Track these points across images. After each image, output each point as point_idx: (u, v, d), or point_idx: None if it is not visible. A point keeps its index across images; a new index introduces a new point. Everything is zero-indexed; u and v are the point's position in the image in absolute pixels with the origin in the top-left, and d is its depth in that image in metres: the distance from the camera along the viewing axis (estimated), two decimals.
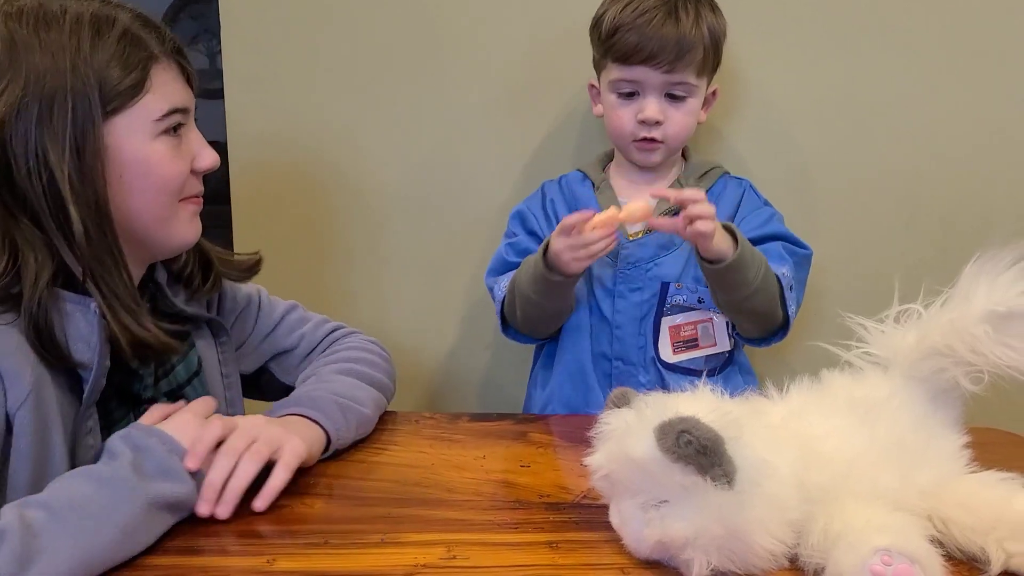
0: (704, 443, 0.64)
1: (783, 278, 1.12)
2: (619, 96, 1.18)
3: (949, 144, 1.37)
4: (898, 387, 0.77)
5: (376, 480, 0.91)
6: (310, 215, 1.52)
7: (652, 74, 1.13)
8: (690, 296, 1.17)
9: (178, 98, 0.86)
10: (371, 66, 1.46)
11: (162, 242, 0.90)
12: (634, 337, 1.18)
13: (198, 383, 0.98)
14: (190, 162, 0.89)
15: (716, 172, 1.25)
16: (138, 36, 0.83)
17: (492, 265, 1.26)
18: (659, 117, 1.15)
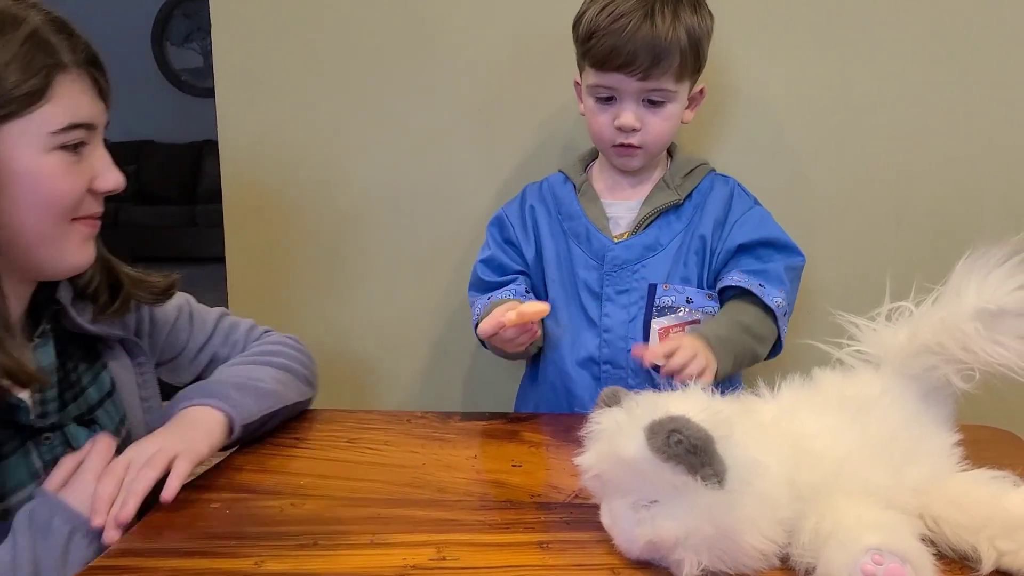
0: (694, 442, 0.64)
1: (778, 309, 1.12)
2: (597, 101, 1.15)
3: (940, 143, 1.37)
4: (889, 385, 0.77)
5: (366, 480, 0.90)
6: (300, 214, 1.52)
7: (627, 81, 1.10)
8: (678, 297, 1.16)
9: (83, 113, 0.81)
10: (362, 65, 1.46)
11: (49, 263, 0.84)
12: (623, 340, 1.16)
13: (111, 405, 0.93)
14: (88, 181, 0.83)
15: (702, 170, 1.22)
16: (46, 41, 0.78)
17: (471, 279, 1.27)
18: (635, 124, 1.13)
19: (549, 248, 1.22)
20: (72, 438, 0.87)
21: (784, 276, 1.14)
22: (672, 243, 1.16)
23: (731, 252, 1.16)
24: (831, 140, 1.39)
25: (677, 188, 1.19)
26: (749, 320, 1.11)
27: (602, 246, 1.18)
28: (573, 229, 1.21)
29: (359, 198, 1.50)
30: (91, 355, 0.93)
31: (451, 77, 1.44)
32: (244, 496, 0.87)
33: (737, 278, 1.13)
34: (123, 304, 0.95)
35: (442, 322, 1.52)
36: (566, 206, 1.22)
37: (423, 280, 1.51)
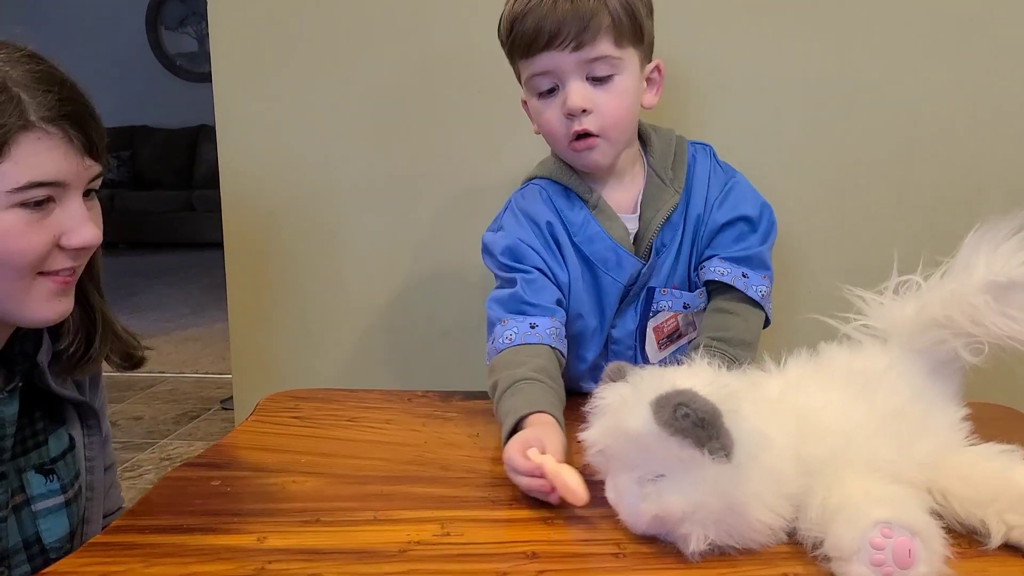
0: (702, 416, 0.63)
1: (763, 299, 1.07)
2: (540, 97, 1.03)
3: (939, 120, 1.36)
4: (897, 359, 0.76)
5: (369, 458, 0.90)
6: (298, 196, 1.50)
7: (561, 57, 0.98)
8: (675, 303, 1.10)
9: (48, 171, 0.76)
10: (358, 46, 1.44)
11: (12, 316, 0.81)
12: (630, 348, 1.12)
13: (71, 460, 0.92)
14: (54, 238, 0.79)
15: (682, 147, 1.12)
16: (14, 98, 0.75)
17: (504, 299, 1.04)
18: (584, 104, 0.99)
19: (577, 275, 1.07)
20: (27, 484, 0.87)
21: (766, 258, 1.09)
22: (674, 241, 1.09)
23: (714, 232, 1.09)
24: (829, 118, 1.38)
25: (672, 183, 1.09)
26: (732, 332, 1.05)
27: (636, 269, 1.07)
28: (598, 255, 1.06)
29: (357, 179, 1.49)
30: (52, 412, 0.92)
31: (449, 56, 1.42)
32: (244, 474, 0.87)
33: (721, 270, 1.07)
34: (90, 367, 0.92)
35: (442, 303, 1.51)
36: (581, 226, 1.07)
37: (422, 261, 1.50)
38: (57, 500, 0.89)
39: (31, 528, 0.87)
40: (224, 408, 2.94)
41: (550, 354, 0.99)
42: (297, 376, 1.54)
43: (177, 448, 2.59)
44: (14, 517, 0.86)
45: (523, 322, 1.02)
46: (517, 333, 1.01)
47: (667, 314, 1.11)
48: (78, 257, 0.82)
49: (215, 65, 1.50)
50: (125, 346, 0.94)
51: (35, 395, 0.90)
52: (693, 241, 1.10)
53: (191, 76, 6.85)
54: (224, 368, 3.42)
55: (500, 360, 1.00)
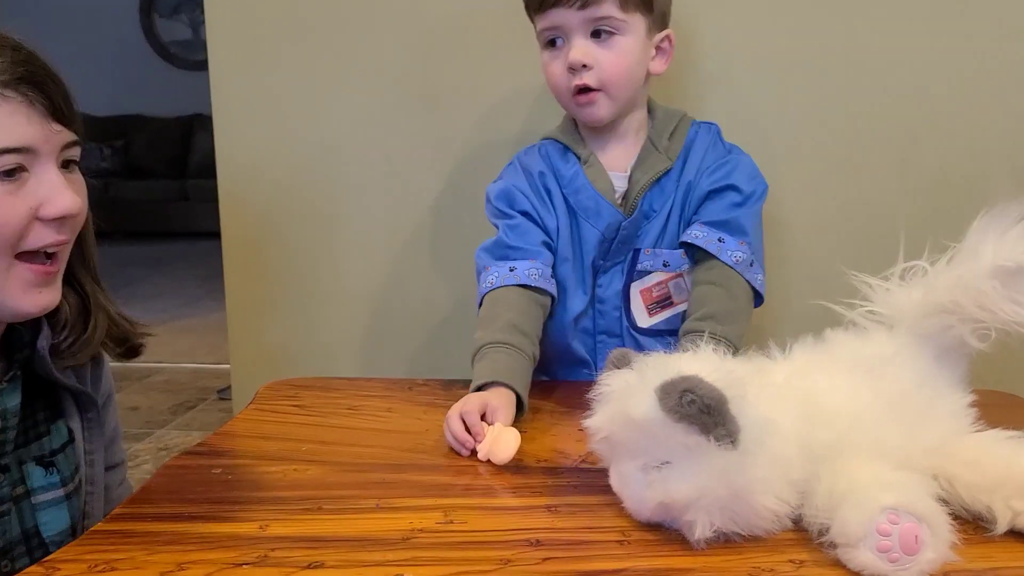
0: (708, 402, 0.63)
1: (737, 265, 1.07)
2: (546, 48, 1.10)
3: (943, 102, 1.36)
4: (903, 345, 0.76)
5: (370, 447, 0.89)
6: (295, 183, 1.50)
7: (567, 14, 1.05)
8: (656, 260, 1.13)
9: (13, 137, 0.74)
10: (355, 32, 1.43)
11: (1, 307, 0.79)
12: (616, 310, 1.14)
13: (71, 452, 0.91)
14: (31, 209, 0.76)
15: (684, 123, 1.16)
16: None
17: (489, 246, 1.13)
18: (584, 60, 1.05)
19: (563, 223, 1.14)
20: (28, 476, 0.87)
21: (744, 224, 1.09)
22: (664, 208, 1.12)
23: (701, 199, 1.12)
24: (833, 101, 1.37)
25: (666, 151, 1.13)
26: (716, 306, 1.06)
27: (616, 221, 1.11)
28: (581, 203, 1.13)
29: (354, 167, 1.48)
30: (52, 404, 0.91)
31: (449, 44, 1.42)
32: (245, 462, 0.86)
33: (697, 234, 1.09)
34: (83, 355, 0.90)
35: (441, 290, 1.50)
36: (570, 179, 1.14)
37: (420, 249, 1.50)
38: (57, 493, 0.89)
39: (31, 521, 0.87)
40: (221, 398, 2.93)
41: (526, 299, 1.07)
42: (295, 365, 1.54)
43: (174, 438, 2.59)
44: (15, 509, 0.85)
45: (504, 266, 1.09)
46: (498, 277, 1.09)
47: (655, 277, 1.13)
48: (61, 230, 0.79)
49: (212, 53, 1.49)
50: (121, 332, 0.93)
51: (36, 386, 0.89)
52: (683, 208, 1.13)
53: (185, 64, 6.80)
54: (220, 358, 3.41)
55: (481, 311, 1.08)
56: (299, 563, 0.64)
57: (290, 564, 0.64)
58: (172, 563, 0.64)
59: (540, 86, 1.40)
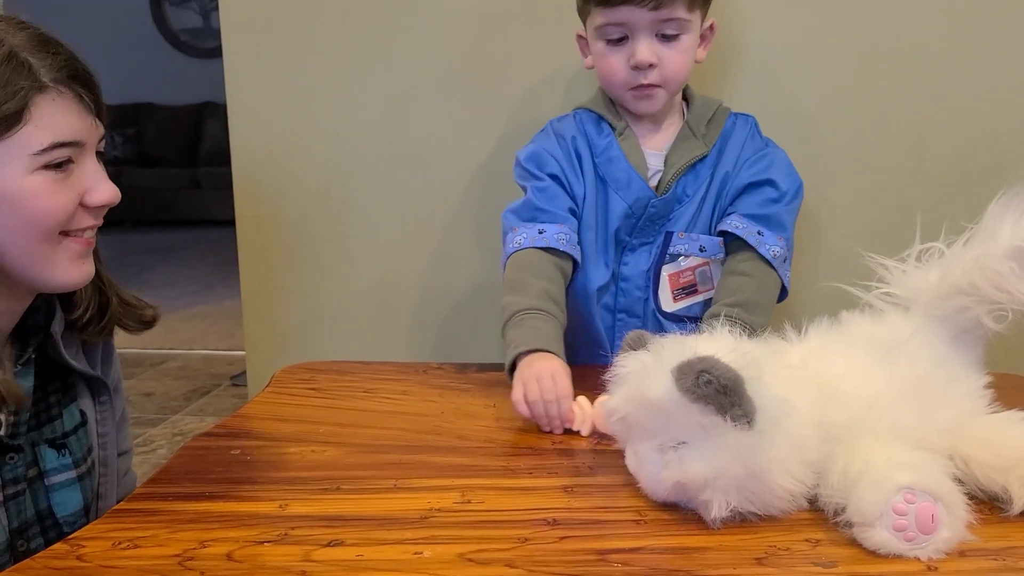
0: (724, 383, 0.63)
1: (775, 259, 1.09)
2: (607, 43, 1.09)
3: (958, 85, 1.35)
4: (919, 327, 0.76)
5: (386, 428, 0.90)
6: (309, 169, 1.50)
7: (638, 13, 1.05)
8: (692, 245, 1.14)
9: (68, 131, 0.78)
10: (369, 17, 1.43)
11: (37, 281, 0.82)
12: (640, 290, 1.16)
13: (83, 435, 0.93)
14: (78, 197, 0.80)
15: (722, 112, 1.19)
16: (24, 63, 0.75)
17: (517, 208, 1.13)
18: (652, 60, 1.07)
19: (590, 191, 1.15)
20: (41, 457, 0.88)
21: (784, 219, 1.12)
22: (697, 193, 1.14)
23: (739, 190, 1.14)
24: (847, 83, 1.36)
25: (703, 137, 1.15)
26: (747, 294, 1.08)
27: (645, 197, 1.12)
28: (612, 174, 1.13)
29: (368, 153, 1.48)
30: (65, 388, 0.93)
31: (460, 27, 1.41)
32: (264, 444, 0.87)
33: (737, 224, 1.11)
34: (107, 328, 0.93)
35: (454, 276, 1.51)
36: (604, 148, 1.14)
37: (435, 231, 1.50)
38: (69, 475, 0.90)
39: (44, 502, 0.88)
40: (234, 384, 2.95)
41: (552, 265, 1.07)
42: (309, 350, 1.54)
43: (189, 423, 2.60)
44: (29, 491, 0.87)
45: (532, 228, 1.10)
46: (526, 238, 1.09)
47: (686, 262, 1.14)
48: (98, 215, 0.84)
49: (226, 41, 1.49)
50: (135, 309, 0.95)
51: (49, 370, 0.90)
52: (718, 197, 1.14)
53: (196, 52, 6.80)
54: (233, 344, 3.43)
55: (508, 273, 1.09)
56: (319, 541, 0.65)
57: (310, 542, 0.65)
58: (194, 541, 0.65)
59: (553, 73, 1.41)
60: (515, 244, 1.09)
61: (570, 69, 1.39)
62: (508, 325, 1.02)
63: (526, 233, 1.09)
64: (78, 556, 0.64)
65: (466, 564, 0.62)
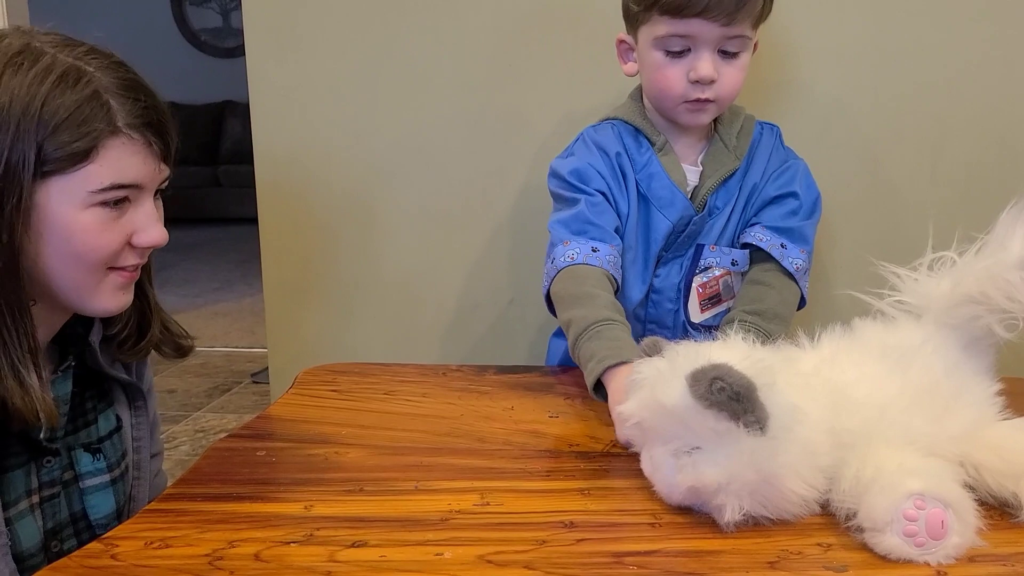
0: (737, 389, 0.64)
1: (797, 272, 1.11)
2: (668, 54, 1.06)
3: (973, 90, 1.35)
4: (931, 334, 0.77)
5: (407, 431, 0.92)
6: (331, 170, 1.52)
7: (708, 27, 1.02)
8: (724, 258, 1.15)
9: (130, 174, 0.80)
10: (390, 19, 1.45)
11: (79, 306, 0.85)
12: (671, 302, 1.16)
13: (117, 439, 0.96)
14: (127, 236, 0.83)
15: (750, 122, 1.18)
16: (104, 104, 0.78)
17: (567, 219, 1.10)
18: (714, 75, 1.05)
19: (632, 208, 1.13)
20: (76, 461, 0.91)
21: (807, 232, 1.14)
22: (728, 206, 1.14)
23: (764, 203, 1.15)
24: (863, 87, 1.37)
25: (735, 150, 1.15)
26: (767, 304, 1.09)
27: (688, 214, 1.12)
28: (655, 192, 1.12)
29: (389, 152, 1.50)
30: (102, 392, 0.95)
31: (481, 31, 1.43)
32: (288, 445, 0.89)
33: (760, 236, 1.13)
34: (143, 351, 0.96)
35: (474, 278, 1.53)
36: (644, 164, 1.13)
37: (454, 234, 1.52)
38: (103, 478, 0.93)
39: (78, 504, 0.91)
40: (255, 382, 2.99)
41: (607, 281, 1.06)
42: (331, 350, 1.57)
43: (210, 420, 2.64)
44: (64, 493, 0.89)
45: (585, 244, 1.08)
46: (579, 253, 1.07)
47: (714, 273, 1.15)
48: (144, 254, 0.86)
49: (248, 40, 1.51)
50: (175, 337, 0.98)
51: (86, 375, 0.93)
52: (745, 208, 1.16)
53: (216, 51, 6.86)
54: (253, 342, 3.47)
55: (562, 285, 1.06)
56: (344, 542, 0.67)
57: (335, 543, 0.67)
58: (223, 541, 0.68)
59: (575, 77, 1.42)
60: (567, 258, 1.07)
61: (592, 73, 1.40)
62: (583, 338, 0.98)
63: (579, 248, 1.07)
64: (112, 555, 0.66)
65: (485, 566, 0.64)
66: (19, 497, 0.84)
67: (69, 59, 0.78)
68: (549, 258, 1.10)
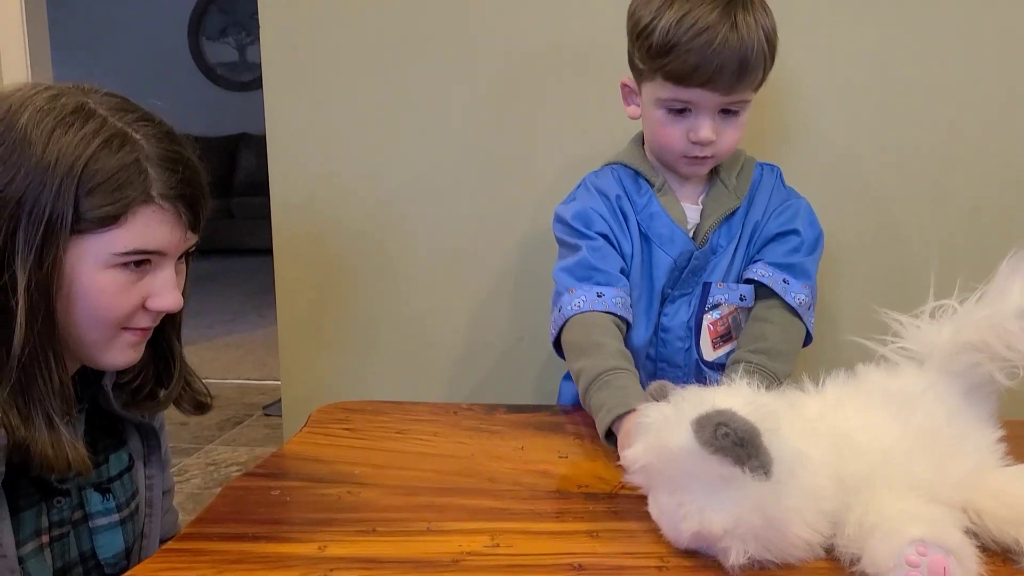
0: (741, 435, 0.66)
1: (800, 307, 1.13)
2: (669, 112, 1.10)
3: (979, 132, 1.37)
4: (933, 381, 0.78)
5: (419, 470, 0.94)
6: (345, 207, 1.55)
7: (708, 96, 1.06)
8: (732, 295, 1.17)
9: (154, 241, 0.82)
10: (404, 61, 1.49)
11: (88, 360, 0.87)
12: (681, 340, 1.18)
13: (128, 479, 0.97)
14: (142, 299, 0.84)
15: (749, 163, 1.21)
16: (143, 172, 0.80)
17: (571, 266, 1.13)
18: (713, 138, 1.08)
19: (636, 248, 1.16)
20: (86, 501, 0.92)
21: (809, 268, 1.16)
22: (731, 244, 1.17)
23: (767, 240, 1.18)
24: (868, 129, 1.40)
25: (735, 190, 1.18)
26: (770, 342, 1.11)
27: (688, 250, 1.15)
28: (655, 230, 1.16)
29: (402, 192, 1.53)
30: (113, 434, 0.97)
31: (491, 74, 1.47)
32: (302, 484, 0.91)
33: (763, 272, 1.15)
34: (162, 406, 0.97)
35: (483, 315, 1.55)
36: (644, 205, 1.17)
37: (465, 272, 1.54)
38: (112, 518, 0.94)
39: (87, 544, 0.92)
40: (267, 414, 3.00)
41: (615, 327, 1.08)
42: (343, 385, 1.59)
43: (222, 453, 2.66)
44: (73, 532, 0.91)
45: (590, 290, 1.10)
46: (585, 301, 1.09)
47: (723, 310, 1.17)
48: (157, 318, 0.88)
49: (266, 74, 1.54)
50: (196, 394, 0.99)
51: (98, 415, 0.94)
52: (748, 246, 1.18)
53: (231, 85, 6.97)
54: (265, 374, 3.49)
55: (571, 334, 1.09)
56: None
57: None
58: None
59: (585, 117, 1.45)
60: (575, 307, 1.10)
61: (602, 113, 1.43)
62: (592, 388, 1.01)
63: (584, 296, 1.10)
64: None
65: None
66: (29, 537, 0.85)
67: (119, 124, 0.80)
68: (556, 307, 1.13)
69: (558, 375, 1.37)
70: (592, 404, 1.00)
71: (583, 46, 1.42)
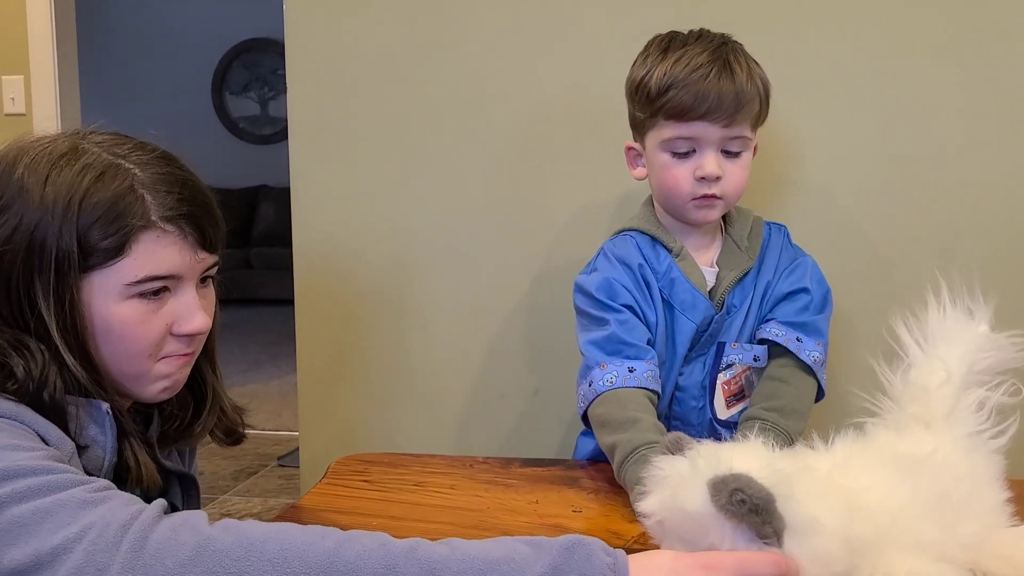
0: (756, 502, 0.67)
1: (814, 364, 1.16)
2: (674, 155, 1.14)
3: (986, 194, 1.40)
4: (940, 441, 0.80)
5: (436, 523, 0.95)
6: (370, 261, 1.59)
7: (710, 129, 1.11)
8: (746, 355, 1.19)
9: (164, 266, 0.83)
10: (430, 117, 1.55)
11: (134, 394, 0.88)
12: (695, 399, 1.20)
13: None
14: (168, 326, 0.85)
15: (758, 223, 1.25)
16: (139, 198, 0.81)
17: (600, 341, 1.13)
18: (719, 172, 1.12)
19: (660, 316, 1.18)
20: None
21: (821, 326, 1.19)
22: (744, 304, 1.20)
23: (778, 299, 1.21)
24: (874, 192, 1.43)
25: (747, 250, 1.21)
26: (784, 400, 1.13)
27: (709, 315, 1.17)
28: (677, 296, 1.17)
29: (421, 247, 1.57)
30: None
31: (506, 136, 1.52)
32: None
33: (776, 331, 1.18)
34: (197, 438, 0.99)
35: (499, 367, 1.57)
36: (664, 272, 1.18)
37: (481, 326, 1.57)
38: None
39: None
40: (281, 464, 3.01)
41: (647, 401, 1.09)
42: (361, 436, 1.61)
43: (236, 504, 2.66)
44: None
45: (621, 365, 1.11)
46: (617, 377, 1.10)
47: (736, 369, 1.19)
48: (191, 343, 0.89)
49: (292, 128, 1.59)
50: (230, 423, 1.01)
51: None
52: (760, 305, 1.21)
53: (253, 138, 7.12)
54: (280, 424, 3.50)
55: (604, 409, 1.09)
56: None
57: None
58: None
59: (594, 176, 1.49)
60: (606, 383, 1.10)
61: (615, 173, 1.45)
62: (628, 462, 1.01)
63: (616, 371, 1.10)
64: None
65: None
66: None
67: (109, 156, 0.82)
68: (585, 380, 1.13)
69: (573, 427, 1.39)
70: (628, 478, 1.00)
71: (595, 108, 1.47)
